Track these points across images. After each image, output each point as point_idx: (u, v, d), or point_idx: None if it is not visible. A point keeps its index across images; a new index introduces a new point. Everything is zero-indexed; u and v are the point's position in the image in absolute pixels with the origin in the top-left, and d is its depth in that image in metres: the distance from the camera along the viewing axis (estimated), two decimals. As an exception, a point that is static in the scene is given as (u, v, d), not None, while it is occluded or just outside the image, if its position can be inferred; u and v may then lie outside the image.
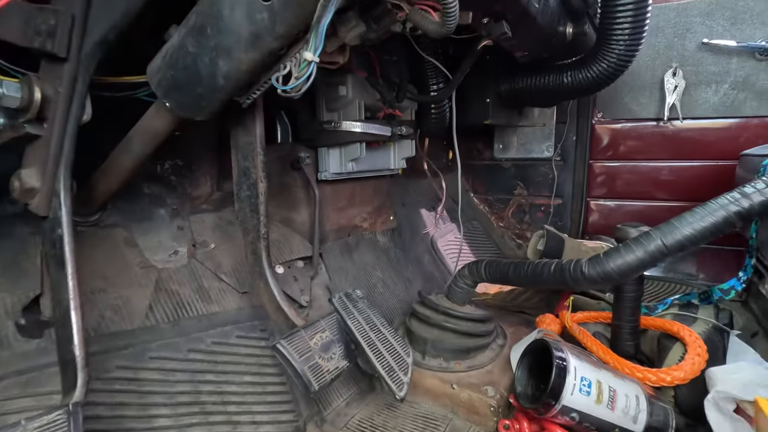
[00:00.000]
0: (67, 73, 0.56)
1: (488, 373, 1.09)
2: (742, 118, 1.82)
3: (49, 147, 0.59)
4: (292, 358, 0.72)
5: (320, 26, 0.53)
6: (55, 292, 0.63)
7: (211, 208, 1.14)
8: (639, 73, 1.94)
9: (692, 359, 0.92)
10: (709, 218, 0.75)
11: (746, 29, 1.74)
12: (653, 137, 1.99)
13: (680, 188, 1.99)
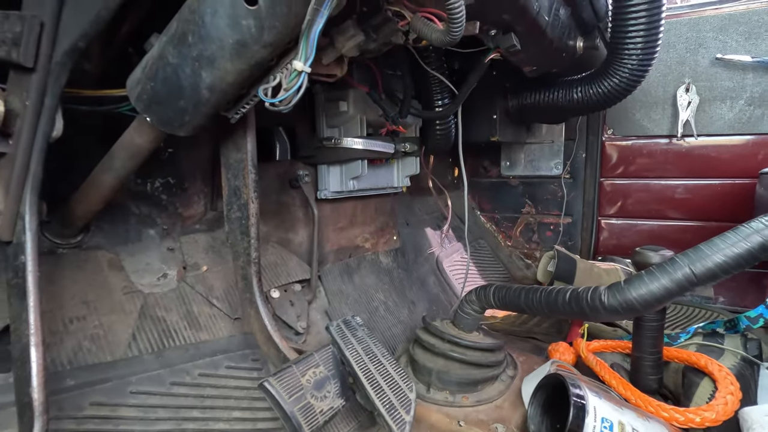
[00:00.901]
0: (34, 84, 0.51)
1: (498, 408, 1.00)
2: (759, 135, 1.75)
3: (13, 165, 0.53)
4: (281, 398, 0.64)
5: (311, 33, 0.48)
6: (15, 325, 0.56)
7: (204, 228, 1.09)
8: (650, 89, 1.89)
9: (724, 398, 0.84)
10: (742, 244, 0.68)
11: (761, 44, 1.69)
12: (666, 154, 1.92)
13: (695, 207, 1.91)
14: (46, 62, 0.50)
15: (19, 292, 0.55)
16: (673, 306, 1.71)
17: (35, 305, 0.54)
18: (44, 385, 0.54)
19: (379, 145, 1.14)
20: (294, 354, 0.81)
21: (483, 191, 2.40)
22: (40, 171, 0.55)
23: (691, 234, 1.96)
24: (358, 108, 1.12)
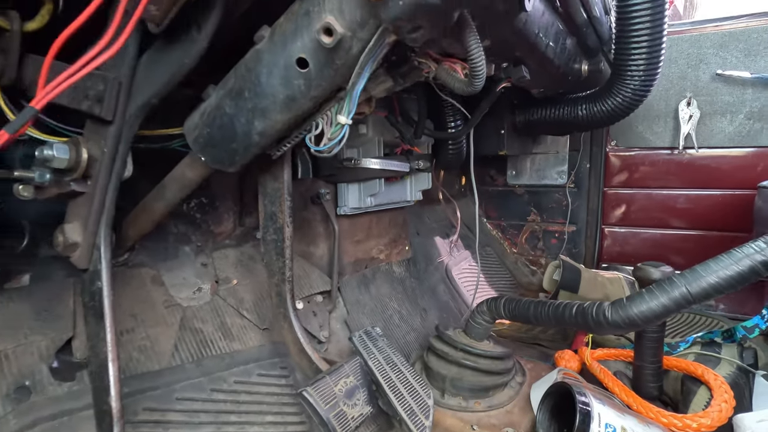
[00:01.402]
0: (111, 134, 0.58)
1: (508, 413, 1.08)
2: (758, 148, 1.81)
3: (91, 203, 0.61)
4: (318, 406, 0.72)
5: (354, 91, 0.56)
6: (93, 343, 0.64)
7: (234, 243, 1.17)
8: (653, 103, 1.95)
9: (719, 405, 0.91)
10: (734, 267, 0.75)
11: (760, 61, 1.75)
12: (668, 165, 1.98)
13: (696, 217, 1.97)
14: (121, 115, 0.58)
15: (96, 314, 0.63)
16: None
17: (111, 326, 0.62)
18: (120, 394, 0.62)
19: (395, 165, 1.22)
20: (324, 364, 0.89)
21: (490, 199, 2.47)
22: (113, 207, 0.62)
23: (693, 243, 2.02)
24: (377, 131, 1.19)
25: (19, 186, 0.60)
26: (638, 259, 2.27)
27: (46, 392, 0.73)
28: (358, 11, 0.48)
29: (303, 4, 0.52)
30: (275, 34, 0.55)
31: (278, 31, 0.55)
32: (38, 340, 0.75)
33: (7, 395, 0.69)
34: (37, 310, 0.78)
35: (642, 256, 2.09)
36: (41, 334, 0.76)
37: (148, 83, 0.57)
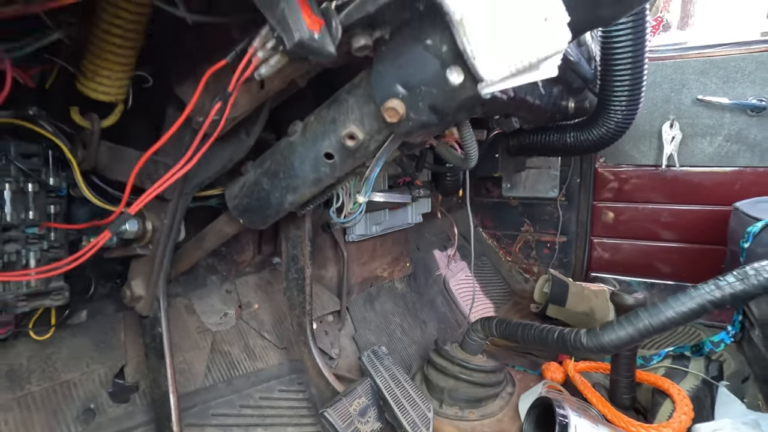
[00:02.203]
0: (170, 209, 0.71)
1: (499, 421, 1.23)
2: (736, 168, 1.95)
3: (152, 263, 0.74)
4: (337, 425, 0.87)
5: (371, 177, 0.69)
6: (154, 376, 0.78)
7: (253, 270, 1.30)
8: (639, 124, 2.08)
9: (679, 417, 1.06)
10: (688, 304, 0.89)
11: (738, 87, 1.88)
12: (653, 182, 2.12)
13: (679, 230, 2.12)
14: (179, 194, 0.70)
15: (157, 353, 0.76)
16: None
17: (170, 364, 0.75)
18: (179, 418, 0.75)
19: (398, 197, 1.35)
20: (338, 383, 1.03)
21: (486, 210, 2.60)
22: (169, 265, 0.76)
23: (676, 254, 2.17)
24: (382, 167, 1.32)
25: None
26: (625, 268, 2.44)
27: (108, 413, 0.87)
28: (376, 123, 0.62)
29: (330, 112, 0.65)
30: (307, 131, 0.68)
31: (309, 129, 0.68)
32: (98, 368, 0.89)
33: (77, 417, 0.83)
34: (95, 342, 0.92)
35: (628, 266, 2.25)
36: (100, 363, 0.90)
37: (203, 170, 0.69)
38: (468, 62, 0.50)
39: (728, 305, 0.88)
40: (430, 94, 0.55)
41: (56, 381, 0.83)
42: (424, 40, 0.52)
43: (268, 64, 0.47)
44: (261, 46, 0.47)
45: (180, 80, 0.67)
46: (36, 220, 0.70)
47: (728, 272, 0.89)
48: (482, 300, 2.19)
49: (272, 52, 0.46)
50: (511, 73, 0.49)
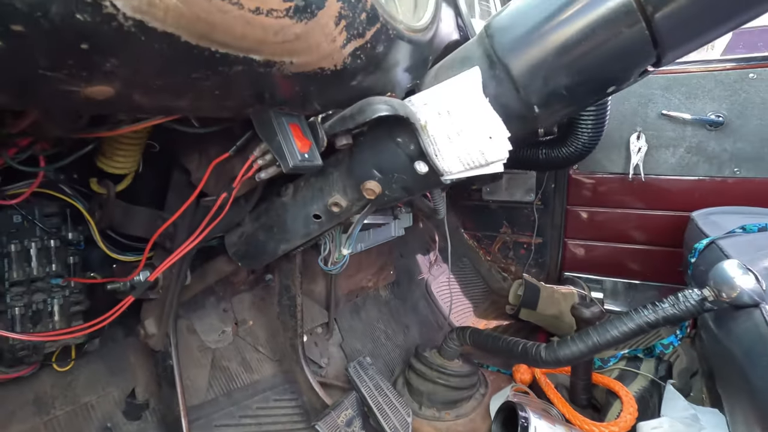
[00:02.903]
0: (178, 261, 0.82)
1: (471, 421, 1.38)
2: (695, 177, 2.11)
3: (163, 305, 0.85)
4: (327, 435, 1.00)
5: (354, 233, 0.80)
6: (167, 403, 0.90)
7: (247, 288, 1.41)
8: (609, 134, 2.21)
9: (625, 417, 1.22)
10: (630, 325, 1.04)
11: (698, 103, 2.02)
12: (622, 188, 2.27)
13: (646, 233, 2.28)
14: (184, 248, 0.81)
15: (169, 383, 0.88)
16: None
17: (181, 392, 0.87)
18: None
19: (381, 219, 1.47)
20: (326, 396, 1.16)
21: (467, 212, 2.73)
22: (177, 305, 0.86)
23: (643, 256, 2.34)
24: (365, 192, 1.43)
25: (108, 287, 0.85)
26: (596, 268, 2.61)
27: (123, 430, 0.98)
28: (356, 194, 0.73)
29: (318, 181, 0.76)
30: (297, 195, 0.79)
31: (300, 193, 0.78)
32: (112, 390, 1.00)
33: (96, 435, 0.95)
34: (108, 367, 1.03)
35: (599, 266, 2.42)
36: (114, 385, 1.01)
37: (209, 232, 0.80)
38: (431, 160, 0.61)
39: (662, 326, 1.03)
40: (402, 179, 0.67)
41: (77, 404, 0.94)
42: (395, 138, 0.63)
43: (267, 171, 0.58)
44: (260, 156, 0.57)
45: (183, 151, 0.77)
46: (59, 271, 0.81)
47: (664, 299, 1.03)
48: (462, 300, 2.34)
49: (270, 163, 0.57)
50: (465, 170, 0.61)
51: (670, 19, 0.46)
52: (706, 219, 1.73)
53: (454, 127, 0.57)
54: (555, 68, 0.52)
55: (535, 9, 0.52)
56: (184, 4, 0.29)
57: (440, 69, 0.62)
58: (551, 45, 0.51)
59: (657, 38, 0.48)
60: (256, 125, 0.53)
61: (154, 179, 0.84)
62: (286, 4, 0.35)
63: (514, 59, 0.54)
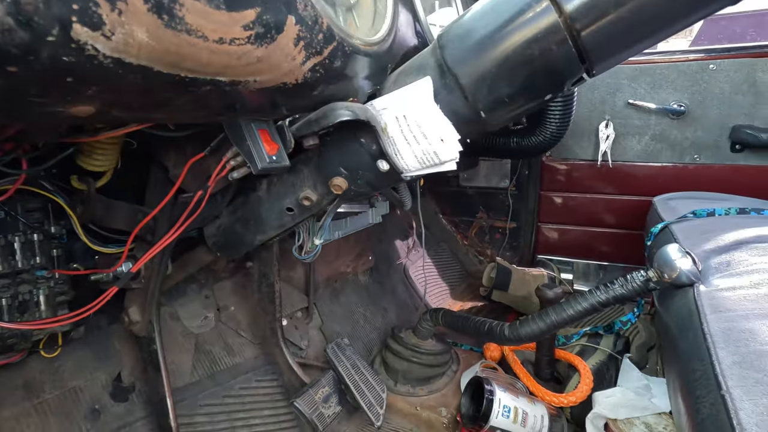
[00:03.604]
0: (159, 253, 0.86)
1: (443, 396, 1.48)
2: (659, 164, 2.22)
3: (146, 294, 0.90)
4: (305, 411, 1.08)
5: (326, 224, 0.86)
6: (153, 384, 0.96)
7: (228, 275, 1.46)
8: (579, 122, 2.30)
9: (582, 388, 1.33)
10: (584, 305, 1.13)
11: (662, 93, 2.11)
12: (592, 174, 2.37)
13: (615, 217, 2.40)
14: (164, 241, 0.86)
15: (154, 367, 0.94)
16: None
17: (165, 374, 0.93)
18: (176, 415, 0.94)
19: (357, 208, 1.53)
20: (305, 375, 1.24)
21: (445, 198, 2.81)
22: (159, 294, 0.91)
23: (612, 238, 2.46)
24: (342, 181, 1.49)
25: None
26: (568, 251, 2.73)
27: (111, 412, 1.04)
28: (326, 189, 0.79)
29: (289, 178, 0.81)
30: (271, 189, 0.84)
31: (273, 188, 0.84)
32: (99, 375, 1.06)
33: (85, 417, 1.00)
34: (94, 352, 1.08)
35: (570, 249, 2.54)
36: (100, 370, 1.06)
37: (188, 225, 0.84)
38: (391, 159, 0.67)
39: (613, 304, 1.13)
40: (366, 175, 0.73)
41: (65, 388, 0.99)
42: (359, 139, 0.69)
43: (239, 171, 0.63)
44: (233, 157, 0.62)
45: (161, 149, 0.81)
46: (43, 263, 0.85)
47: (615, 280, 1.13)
48: (440, 283, 2.44)
49: (242, 164, 0.62)
50: (422, 168, 0.67)
51: (594, 38, 0.53)
52: (665, 204, 1.84)
53: (410, 130, 0.63)
54: (497, 79, 0.58)
55: (480, 25, 0.58)
56: (155, 41, 0.34)
57: (399, 75, 0.67)
58: (493, 58, 0.57)
59: (584, 55, 0.54)
60: (227, 131, 0.58)
61: (132, 175, 0.88)
62: (247, 33, 0.40)
63: (463, 70, 0.60)
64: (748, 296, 0.81)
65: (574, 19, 0.52)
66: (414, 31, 0.75)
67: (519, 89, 0.58)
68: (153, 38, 0.33)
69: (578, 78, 0.59)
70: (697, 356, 0.71)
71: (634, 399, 1.32)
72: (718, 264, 1.05)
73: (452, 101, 0.62)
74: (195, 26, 0.36)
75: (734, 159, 2.05)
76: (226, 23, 0.38)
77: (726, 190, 1.97)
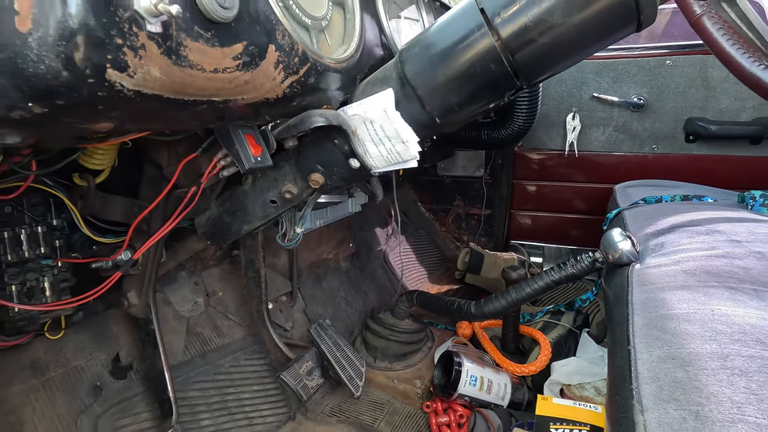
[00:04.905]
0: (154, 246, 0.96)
1: (418, 370, 1.62)
2: (621, 153, 2.37)
3: (143, 279, 0.99)
4: (290, 383, 1.19)
5: (306, 214, 0.97)
6: (150, 361, 1.06)
7: (216, 263, 1.56)
8: (549, 114, 2.43)
9: (541, 359, 1.49)
10: (540, 283, 1.27)
11: (624, 87, 2.26)
12: (561, 164, 2.51)
13: (582, 203, 2.55)
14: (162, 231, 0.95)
15: (152, 344, 1.04)
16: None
17: (163, 351, 1.03)
18: (174, 388, 1.05)
19: (336, 198, 1.63)
20: (290, 351, 1.36)
21: (424, 187, 2.94)
22: (155, 278, 1.01)
23: (581, 223, 2.62)
24: (322, 173, 1.59)
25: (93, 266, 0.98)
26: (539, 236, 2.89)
27: (111, 388, 1.14)
28: (305, 183, 0.89)
29: (272, 174, 0.91)
30: (256, 184, 0.94)
31: (257, 182, 0.94)
32: (99, 355, 1.15)
33: (88, 392, 1.10)
34: (94, 335, 1.17)
35: (542, 234, 2.70)
36: (100, 351, 1.16)
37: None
38: (361, 158, 0.78)
39: (565, 283, 1.27)
40: (340, 171, 0.84)
41: (69, 367, 1.09)
42: (333, 140, 0.80)
43: (228, 170, 0.73)
44: (223, 158, 0.72)
45: (154, 149, 0.90)
46: (47, 253, 0.93)
47: (567, 261, 1.27)
48: (418, 268, 2.57)
49: (231, 164, 0.72)
50: (388, 166, 0.78)
51: (525, 59, 0.64)
52: (624, 191, 2.00)
53: (376, 133, 0.74)
54: (448, 90, 0.69)
55: (434, 45, 0.68)
56: (166, 76, 0.43)
57: (367, 85, 0.78)
58: (444, 74, 0.68)
59: (517, 72, 0.65)
60: (218, 135, 0.67)
61: (126, 171, 0.97)
62: (236, 62, 0.50)
63: (419, 82, 0.70)
64: (669, 272, 0.96)
65: (508, 44, 0.63)
66: (380, 42, 0.85)
67: (466, 99, 0.69)
68: (164, 74, 0.43)
69: (515, 89, 0.70)
70: (620, 322, 0.85)
71: (587, 367, 1.48)
72: (654, 245, 1.19)
73: (411, 109, 0.72)
74: (195, 62, 0.45)
75: (689, 149, 2.22)
76: (219, 57, 0.48)
77: (681, 177, 2.14)
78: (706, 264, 0.95)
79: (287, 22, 0.57)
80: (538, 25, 0.60)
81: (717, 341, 0.65)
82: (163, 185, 0.91)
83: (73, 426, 1.05)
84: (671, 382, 0.60)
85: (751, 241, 1.07)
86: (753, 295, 0.79)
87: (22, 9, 0.34)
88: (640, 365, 0.65)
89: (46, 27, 0.35)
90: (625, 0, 0.56)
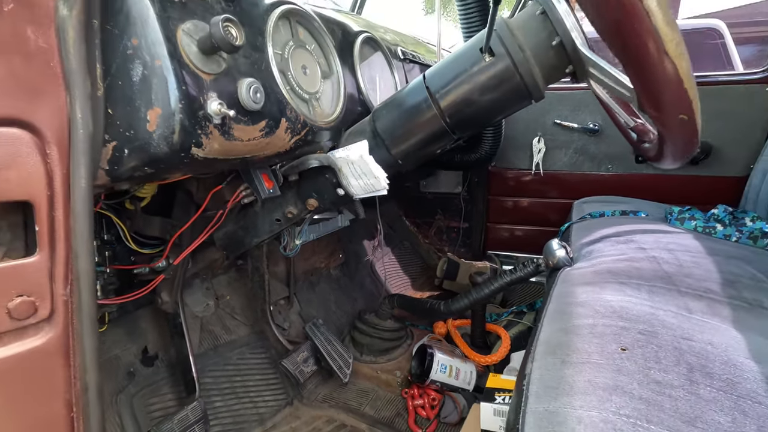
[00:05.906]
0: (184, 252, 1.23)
1: (399, 362, 1.89)
2: (582, 172, 2.68)
3: (173, 282, 1.26)
4: (289, 368, 1.46)
5: (303, 230, 1.24)
6: (178, 349, 1.32)
7: (224, 271, 1.83)
8: (517, 137, 2.74)
9: (501, 351, 1.76)
10: (495, 285, 1.56)
11: (581, 115, 2.58)
12: (530, 181, 2.82)
13: (550, 216, 2.85)
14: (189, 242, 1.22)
15: (179, 335, 1.30)
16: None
17: (189, 341, 1.29)
18: (197, 369, 1.30)
19: (329, 215, 1.91)
20: (289, 347, 1.62)
21: (408, 203, 3.23)
22: (183, 281, 1.27)
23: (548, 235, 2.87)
24: (315, 194, 1.87)
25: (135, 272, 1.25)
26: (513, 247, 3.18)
27: (142, 373, 1.40)
28: (303, 206, 1.17)
29: (278, 199, 1.19)
30: (264, 206, 1.22)
31: (266, 206, 1.22)
32: (131, 346, 1.41)
33: (124, 376, 1.36)
34: (126, 330, 1.43)
35: (516, 245, 2.99)
36: (131, 343, 1.42)
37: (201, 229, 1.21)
38: (345, 188, 1.07)
39: (516, 284, 1.56)
40: (330, 197, 1.12)
41: (109, 355, 1.35)
42: (324, 175, 1.08)
43: (248, 198, 1.01)
44: (244, 189, 1.00)
45: (187, 180, 1.17)
46: (101, 261, 1.20)
47: (516, 266, 1.55)
48: (403, 277, 2.85)
49: (250, 194, 1.00)
50: (365, 194, 1.07)
51: (457, 122, 0.93)
52: (579, 206, 2.30)
53: (356, 171, 1.02)
54: (405, 141, 0.98)
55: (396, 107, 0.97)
56: (221, 146, 0.71)
57: (349, 135, 1.07)
58: (404, 129, 0.97)
59: (453, 130, 0.94)
60: (242, 174, 0.95)
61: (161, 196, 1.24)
62: (261, 132, 0.78)
63: (386, 135, 0.99)
64: (583, 272, 1.24)
65: (445, 111, 0.92)
66: (358, 100, 1.14)
67: (419, 146, 0.98)
68: (221, 146, 0.71)
69: (454, 140, 1.00)
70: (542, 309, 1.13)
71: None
72: (585, 253, 1.48)
73: (381, 154, 1.01)
74: (237, 136, 0.73)
75: (638, 168, 2.54)
76: (251, 131, 0.76)
77: (633, 193, 2.45)
78: (612, 266, 1.25)
79: (292, 101, 0.86)
80: (464, 100, 0.89)
81: (593, 317, 0.94)
82: (192, 207, 1.18)
83: (114, 404, 1.30)
84: (556, 343, 0.88)
85: (653, 248, 1.37)
86: (634, 287, 1.09)
87: (150, 119, 0.62)
88: (541, 336, 0.93)
89: (162, 129, 0.63)
90: (520, 88, 0.85)
